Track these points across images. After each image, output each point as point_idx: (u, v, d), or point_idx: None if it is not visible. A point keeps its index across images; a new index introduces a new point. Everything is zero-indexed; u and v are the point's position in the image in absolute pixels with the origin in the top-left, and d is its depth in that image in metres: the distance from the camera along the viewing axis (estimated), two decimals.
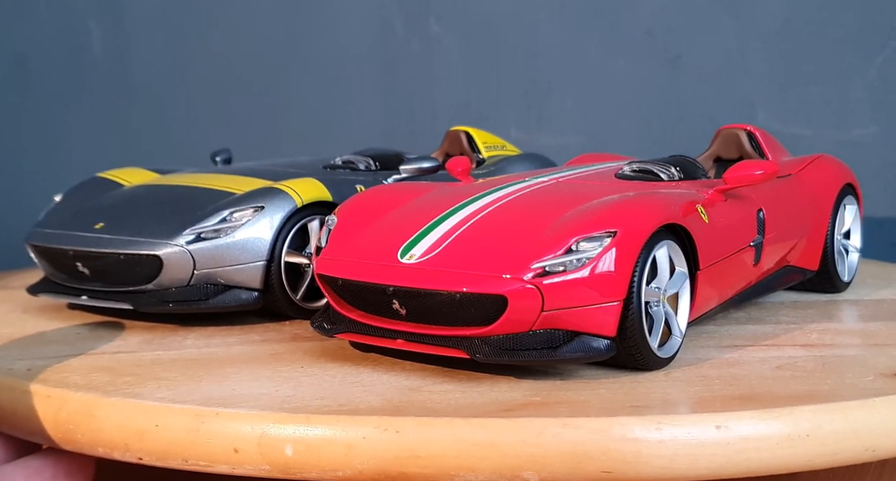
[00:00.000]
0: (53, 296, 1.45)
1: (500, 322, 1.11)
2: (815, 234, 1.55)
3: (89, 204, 1.49)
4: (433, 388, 1.12)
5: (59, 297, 1.45)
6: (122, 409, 1.07)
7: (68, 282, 1.44)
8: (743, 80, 2.07)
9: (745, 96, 2.06)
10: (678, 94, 2.09)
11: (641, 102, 2.12)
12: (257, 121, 2.42)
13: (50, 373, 1.17)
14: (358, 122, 2.33)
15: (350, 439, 1.00)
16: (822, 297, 1.59)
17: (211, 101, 2.43)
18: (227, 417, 1.04)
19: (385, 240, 1.23)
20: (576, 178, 1.41)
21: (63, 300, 1.46)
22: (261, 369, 1.20)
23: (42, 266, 1.47)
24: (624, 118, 2.13)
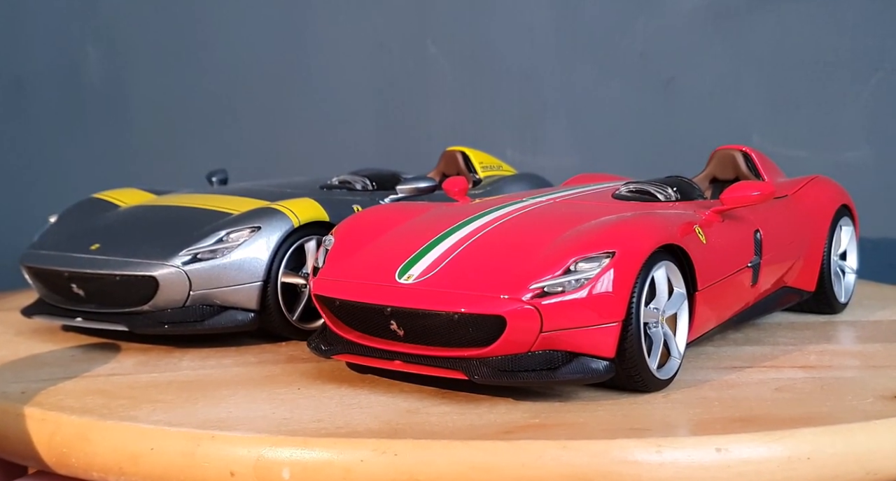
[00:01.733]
0: (48, 317, 1.44)
1: (499, 343, 1.11)
2: (811, 255, 1.54)
3: (84, 225, 1.48)
4: (431, 410, 1.11)
5: (54, 319, 1.44)
6: (117, 433, 1.07)
7: (63, 304, 1.43)
8: (736, 103, 2.07)
9: (739, 118, 2.06)
10: (672, 116, 2.09)
11: (635, 124, 2.11)
12: (254, 143, 2.41)
13: (44, 397, 1.16)
14: (354, 143, 2.32)
15: (348, 462, 0.99)
16: (820, 318, 1.58)
17: (207, 124, 2.42)
18: (224, 440, 1.03)
19: (383, 260, 1.22)
20: (573, 199, 1.40)
21: (58, 322, 1.45)
22: (257, 391, 1.19)
23: (37, 287, 1.46)
24: (618, 140, 2.13)
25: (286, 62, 2.37)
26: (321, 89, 2.35)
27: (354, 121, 2.35)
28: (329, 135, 2.36)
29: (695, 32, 2.09)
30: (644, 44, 2.11)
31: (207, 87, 2.40)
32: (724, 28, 2.07)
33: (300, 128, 2.37)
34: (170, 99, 2.40)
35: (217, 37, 2.38)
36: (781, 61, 2.03)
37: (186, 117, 2.40)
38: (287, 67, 2.37)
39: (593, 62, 2.17)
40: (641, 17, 2.11)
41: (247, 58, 2.38)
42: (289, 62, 2.37)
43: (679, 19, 2.09)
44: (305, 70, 2.36)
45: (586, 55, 2.18)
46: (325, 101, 2.35)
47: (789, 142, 2.02)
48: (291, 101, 2.37)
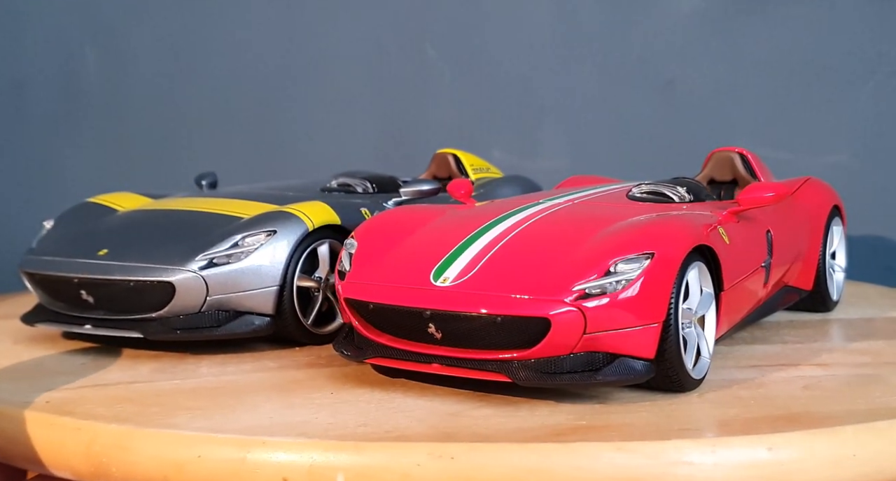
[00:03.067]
0: (53, 325, 1.40)
1: (542, 345, 1.10)
2: (809, 255, 1.57)
3: (86, 230, 1.45)
4: (473, 413, 1.10)
5: (59, 327, 1.40)
6: (159, 441, 1.04)
7: (68, 311, 1.39)
8: (734, 106, 2.09)
9: (736, 121, 2.08)
10: (670, 118, 2.11)
11: (634, 127, 2.12)
12: (252, 146, 2.40)
13: (72, 406, 1.14)
14: (352, 145, 2.31)
15: (404, 466, 0.98)
16: (815, 317, 1.61)
17: (205, 127, 2.40)
18: (275, 446, 1.01)
19: (415, 262, 1.21)
20: (590, 200, 1.40)
21: (62, 329, 1.41)
22: (290, 397, 1.18)
23: (38, 294, 1.42)
24: (617, 142, 2.14)
25: (284, 65, 2.36)
26: (320, 92, 2.34)
27: (353, 123, 2.34)
28: (328, 137, 2.35)
29: (693, 35, 2.10)
30: (642, 47, 2.12)
31: (205, 89, 2.38)
32: (721, 31, 2.09)
33: (299, 130, 2.36)
34: (168, 101, 2.38)
35: (216, 40, 2.37)
36: (779, 64, 2.05)
37: (184, 120, 2.38)
38: (285, 70, 2.36)
39: (592, 64, 2.18)
40: (639, 20, 2.13)
41: (245, 61, 2.37)
42: (287, 65, 2.36)
43: (677, 22, 2.11)
44: (304, 73, 2.35)
45: (585, 57, 2.19)
46: (323, 104, 2.34)
47: (786, 144, 2.04)
48: (290, 103, 2.36)
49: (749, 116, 2.08)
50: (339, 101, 2.32)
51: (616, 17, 2.15)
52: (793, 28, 2.03)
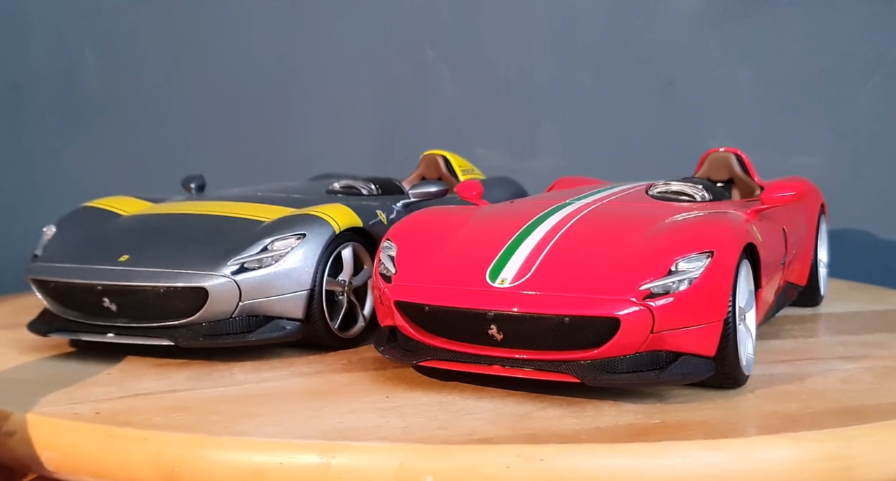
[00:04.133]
0: (69, 334, 1.35)
1: (610, 344, 1.11)
2: (804, 251, 1.60)
3: (97, 235, 1.41)
4: (542, 414, 1.10)
5: (76, 336, 1.35)
6: (237, 448, 1.02)
7: (86, 320, 1.35)
8: (734, 106, 2.11)
9: (736, 121, 2.11)
10: (670, 118, 2.13)
11: (634, 127, 2.14)
12: (252, 147, 2.37)
13: (126, 416, 1.10)
14: (352, 146, 2.29)
15: (493, 468, 0.97)
16: (806, 311, 1.65)
17: (206, 128, 2.38)
18: (360, 450, 1.00)
19: (466, 263, 1.20)
20: (619, 200, 1.41)
21: (78, 338, 1.36)
22: (347, 401, 1.15)
23: (49, 302, 1.37)
24: (617, 143, 2.15)
25: (284, 66, 2.35)
26: (320, 93, 2.33)
27: (353, 124, 2.32)
28: (328, 138, 2.33)
29: (693, 36, 2.13)
30: (642, 47, 2.14)
31: (205, 91, 2.36)
32: (721, 31, 2.11)
33: (299, 132, 2.35)
34: (167, 103, 2.36)
35: (215, 41, 2.36)
36: (779, 65, 2.08)
37: (184, 121, 2.36)
38: (285, 71, 2.35)
39: (591, 65, 2.20)
40: (639, 21, 2.14)
41: (245, 62, 2.35)
42: (287, 66, 2.35)
43: (677, 23, 2.13)
44: (304, 74, 2.34)
45: (584, 58, 2.20)
46: (323, 105, 2.33)
47: (785, 145, 2.08)
48: (290, 104, 2.34)
49: (749, 117, 2.12)
50: (339, 102, 2.32)
51: (616, 18, 2.17)
52: (792, 29, 2.07)
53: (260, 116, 2.37)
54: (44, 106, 2.36)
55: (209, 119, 2.37)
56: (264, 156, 2.36)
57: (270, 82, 2.36)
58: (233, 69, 2.37)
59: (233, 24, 2.36)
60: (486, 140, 2.22)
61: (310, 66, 2.34)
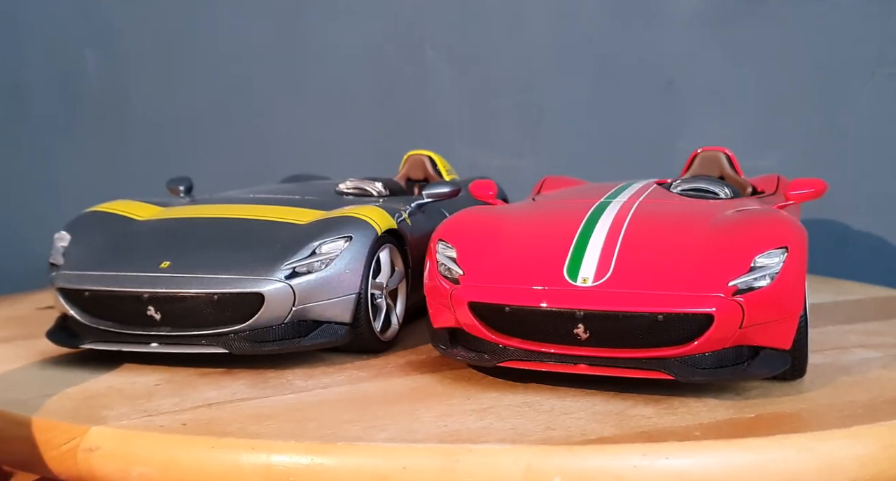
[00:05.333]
0: (105, 345, 1.29)
1: (702, 341, 1.12)
2: None
3: (124, 241, 1.35)
4: (637, 413, 1.10)
5: (114, 347, 1.29)
6: (356, 454, 1.00)
7: (123, 329, 1.30)
8: (734, 106, 2.14)
9: (736, 122, 2.13)
10: (670, 119, 2.15)
11: (633, 127, 2.15)
12: (252, 147, 2.35)
13: (218, 426, 1.07)
14: (351, 148, 2.26)
15: (620, 468, 0.98)
16: None
17: (205, 129, 2.36)
18: (484, 453, 0.99)
19: (537, 262, 1.20)
20: (651, 198, 1.42)
21: (117, 349, 1.30)
22: (433, 404, 1.14)
23: (78, 312, 1.32)
24: (617, 143, 2.16)
25: (284, 67, 2.32)
26: (319, 94, 2.31)
27: (352, 124, 2.30)
28: (328, 138, 2.31)
29: (692, 36, 2.15)
30: (642, 48, 2.16)
31: (205, 91, 2.33)
32: (721, 32, 2.14)
33: (298, 132, 2.32)
34: (168, 103, 2.33)
35: (215, 42, 2.33)
36: (779, 65, 2.11)
37: (184, 121, 2.33)
38: (285, 72, 2.32)
39: (591, 65, 2.20)
40: (639, 21, 2.16)
41: (245, 63, 2.32)
42: (287, 66, 2.32)
43: (677, 23, 2.15)
44: (303, 74, 2.32)
45: (584, 58, 2.21)
46: (323, 106, 2.31)
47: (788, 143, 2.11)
48: (289, 105, 2.32)
49: (748, 117, 2.14)
50: (339, 102, 2.30)
51: (616, 18, 2.18)
52: (792, 29, 2.09)
53: (260, 116, 2.35)
54: (44, 106, 2.33)
55: (209, 119, 2.35)
56: (264, 156, 2.33)
57: (270, 81, 2.33)
58: (232, 69, 2.35)
59: (232, 23, 2.34)
60: (485, 140, 2.22)
61: (309, 65, 2.33)
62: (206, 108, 2.36)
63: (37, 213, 2.23)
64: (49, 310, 1.68)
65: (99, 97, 2.36)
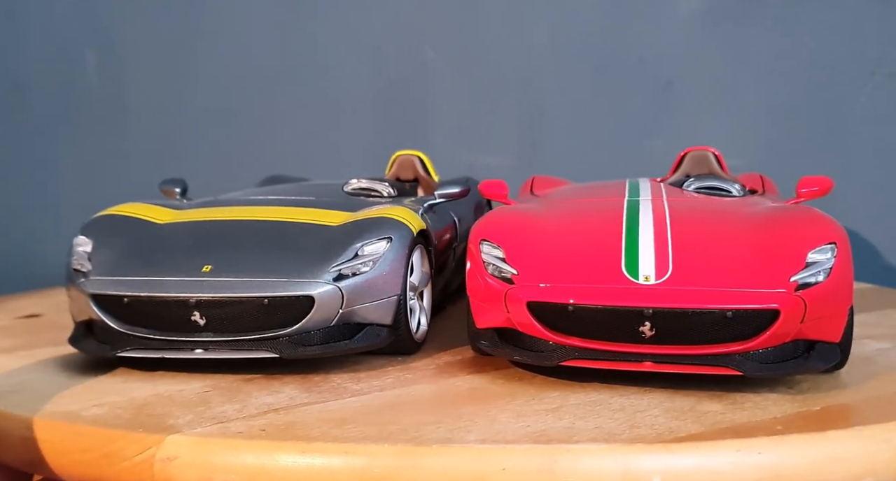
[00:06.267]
0: (144, 353, 1.25)
1: (766, 336, 1.14)
2: None
3: (153, 245, 1.31)
4: (707, 409, 1.12)
5: (156, 354, 1.25)
6: (454, 456, 0.99)
7: (161, 335, 1.26)
8: (733, 107, 2.15)
9: (736, 122, 2.14)
10: (669, 119, 2.16)
11: (633, 128, 2.16)
12: (251, 147, 2.32)
13: (298, 430, 1.05)
14: (351, 148, 2.23)
15: (717, 465, 0.99)
16: None
17: (205, 128, 2.33)
18: (581, 453, 0.99)
19: (591, 261, 1.21)
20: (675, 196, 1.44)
21: (157, 357, 1.26)
22: (503, 405, 1.14)
23: (110, 319, 1.28)
24: (616, 143, 2.17)
25: (284, 66, 2.29)
26: (319, 93, 2.28)
27: (352, 125, 2.28)
28: (327, 139, 2.29)
29: (692, 36, 2.16)
30: (642, 47, 2.16)
31: (205, 90, 2.29)
32: (720, 32, 2.15)
33: (298, 132, 2.29)
34: (168, 101, 2.29)
35: (215, 40, 2.30)
36: (778, 65, 2.13)
37: (184, 120, 2.29)
38: (285, 71, 2.29)
39: (591, 66, 2.21)
40: (638, 22, 2.16)
41: (245, 61, 2.29)
42: (287, 66, 2.29)
43: (676, 23, 2.16)
44: (303, 74, 2.29)
45: (584, 59, 2.21)
46: (323, 105, 2.28)
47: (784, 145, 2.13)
48: (289, 104, 2.29)
49: (748, 117, 2.16)
50: (339, 102, 2.28)
51: (615, 19, 2.19)
52: (792, 29, 2.12)
53: (259, 116, 2.32)
54: (44, 106, 2.29)
55: (209, 118, 2.32)
56: (264, 157, 2.30)
57: (270, 82, 2.31)
58: (232, 69, 2.32)
59: (232, 23, 2.31)
60: (485, 140, 2.22)
61: (310, 65, 2.31)
62: (205, 108, 2.34)
63: (37, 212, 2.19)
64: (32, 319, 1.63)
65: (99, 97, 2.33)
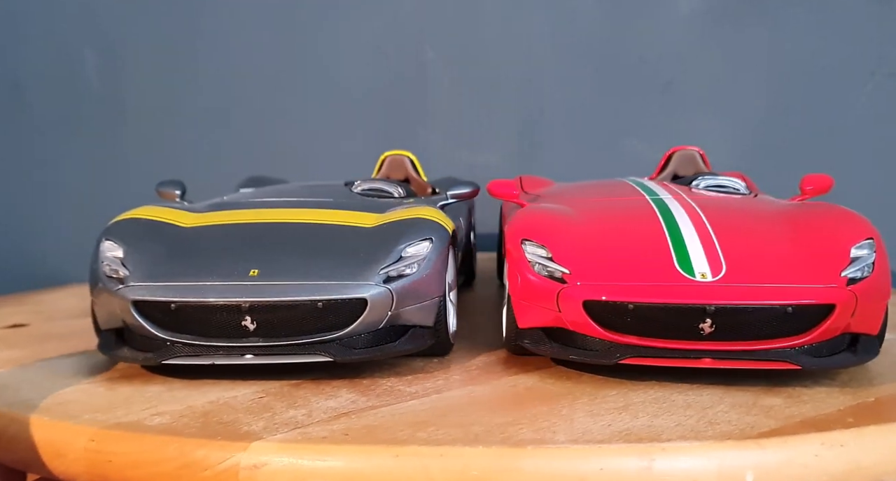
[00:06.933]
0: (195, 359, 1.22)
1: (821, 330, 1.17)
2: None
3: (191, 249, 1.28)
4: (771, 403, 1.14)
5: (204, 360, 1.22)
6: (551, 457, 0.99)
7: (207, 341, 1.22)
8: (733, 107, 2.17)
9: (735, 122, 2.16)
10: (669, 119, 2.17)
11: (633, 127, 2.17)
12: (251, 148, 2.28)
13: (383, 434, 1.04)
14: (351, 149, 2.19)
15: (804, 457, 1.01)
16: None
17: (204, 128, 2.29)
18: (677, 451, 1.00)
19: (642, 259, 1.22)
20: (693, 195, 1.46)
21: (214, 362, 1.23)
22: (569, 404, 1.14)
23: (152, 325, 1.23)
24: (616, 143, 2.17)
25: (284, 66, 2.26)
26: (319, 94, 2.25)
27: (352, 125, 2.24)
28: (327, 139, 2.25)
29: (692, 37, 2.17)
30: (642, 47, 2.17)
31: (205, 90, 2.26)
32: (720, 32, 2.17)
33: (298, 132, 2.26)
34: (167, 102, 2.25)
35: (215, 41, 2.26)
36: (778, 65, 2.15)
37: (184, 120, 2.26)
38: (285, 72, 2.26)
39: (591, 66, 2.21)
40: (638, 22, 2.17)
41: (244, 62, 2.26)
42: (286, 66, 2.26)
43: (676, 23, 2.17)
44: (303, 74, 2.26)
45: (584, 59, 2.21)
46: (322, 106, 2.25)
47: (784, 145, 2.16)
48: (289, 105, 2.25)
49: (748, 117, 2.18)
50: (339, 102, 2.26)
51: (615, 18, 2.19)
52: (792, 29, 2.14)
53: (259, 116, 2.29)
54: (44, 106, 2.25)
55: (208, 119, 2.29)
56: (263, 157, 2.28)
57: (270, 82, 2.28)
58: (232, 69, 2.29)
59: (232, 23, 2.28)
60: (485, 140, 2.20)
61: (310, 65, 2.28)
62: (205, 109, 2.31)
63: (37, 212, 2.16)
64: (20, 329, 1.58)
65: (99, 97, 2.29)
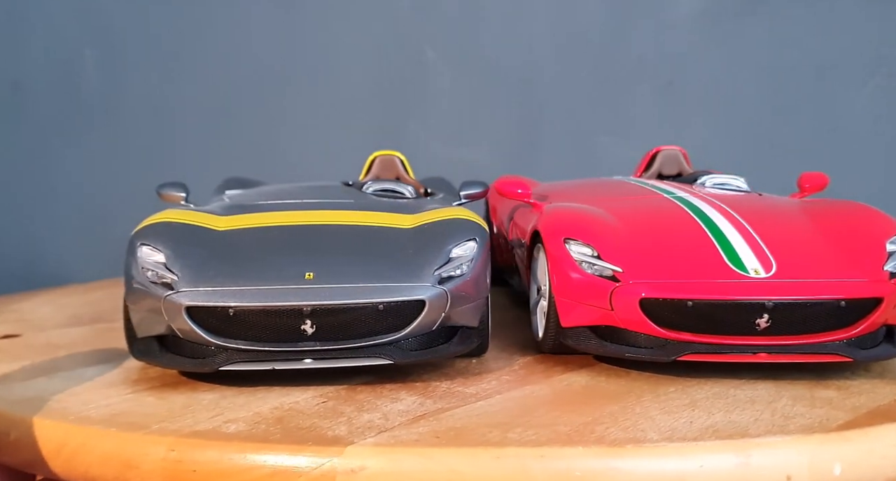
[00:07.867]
0: (253, 365, 1.19)
1: (868, 322, 1.20)
2: None
3: (236, 254, 1.25)
4: (828, 395, 1.17)
5: (263, 366, 1.20)
6: (651, 456, 1.00)
7: (263, 346, 1.20)
8: (733, 106, 2.18)
9: (736, 122, 2.18)
10: (670, 119, 2.18)
11: (633, 127, 2.17)
12: (251, 148, 2.25)
13: (469, 437, 1.04)
14: (351, 148, 2.13)
15: (883, 449, 1.03)
16: None
17: (205, 129, 2.26)
18: (771, 446, 1.02)
19: (692, 256, 1.24)
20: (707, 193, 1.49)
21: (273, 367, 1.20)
22: (635, 401, 1.16)
23: (205, 331, 1.20)
24: (616, 143, 2.17)
25: (284, 67, 2.23)
26: (319, 94, 2.21)
27: (352, 125, 2.22)
28: (327, 139, 2.22)
29: (692, 36, 2.18)
30: (642, 47, 2.17)
31: (205, 91, 2.22)
32: (721, 32, 2.18)
33: (298, 132, 2.23)
34: (167, 102, 2.22)
35: (215, 41, 2.23)
36: (778, 65, 2.17)
37: (184, 121, 2.22)
38: (285, 72, 2.23)
39: (591, 66, 2.20)
40: (639, 22, 2.17)
41: (245, 62, 2.22)
42: (287, 66, 2.23)
43: (676, 23, 2.18)
44: (303, 74, 2.23)
45: (584, 59, 2.20)
46: (322, 106, 2.22)
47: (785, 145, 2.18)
48: (289, 105, 2.21)
49: (748, 117, 2.20)
50: (339, 102, 2.23)
51: (616, 18, 2.19)
52: (792, 29, 2.16)
53: (259, 116, 2.26)
54: (44, 106, 2.20)
55: (208, 119, 2.25)
56: (263, 157, 2.25)
57: (270, 82, 2.24)
58: (232, 69, 2.25)
59: (232, 23, 2.25)
60: (485, 140, 2.19)
61: (310, 65, 2.25)
62: (204, 108, 2.27)
63: (37, 212, 2.13)
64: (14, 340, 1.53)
65: (99, 96, 2.25)
